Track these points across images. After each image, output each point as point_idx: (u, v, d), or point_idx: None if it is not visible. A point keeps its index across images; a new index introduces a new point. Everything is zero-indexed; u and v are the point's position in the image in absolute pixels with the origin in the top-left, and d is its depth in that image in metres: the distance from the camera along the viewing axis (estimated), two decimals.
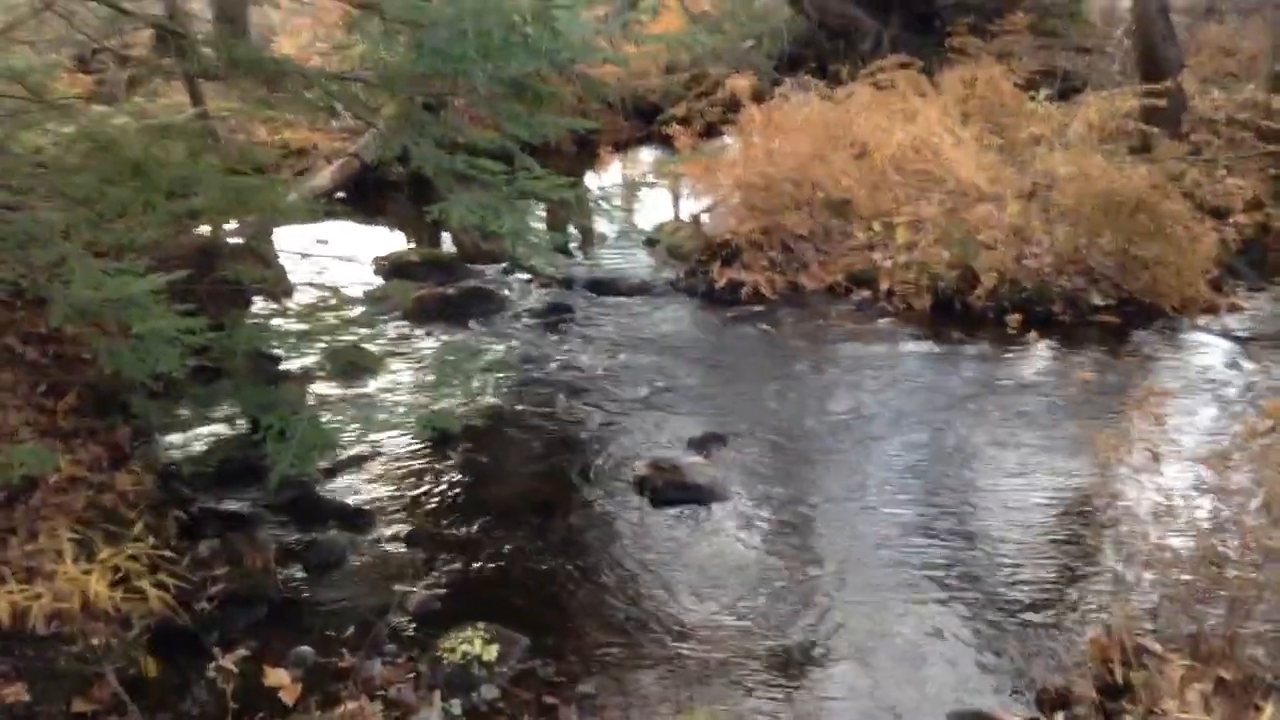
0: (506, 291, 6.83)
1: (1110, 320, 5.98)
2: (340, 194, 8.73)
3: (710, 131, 8.54)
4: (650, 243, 7.56)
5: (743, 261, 6.61)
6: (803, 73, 9.07)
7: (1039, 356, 5.67)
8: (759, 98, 7.92)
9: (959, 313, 6.10)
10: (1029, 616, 3.57)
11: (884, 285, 6.33)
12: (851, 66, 9.54)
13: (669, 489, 4.37)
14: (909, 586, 3.75)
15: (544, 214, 6.75)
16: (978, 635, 3.48)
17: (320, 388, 5.05)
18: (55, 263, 3.34)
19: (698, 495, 4.35)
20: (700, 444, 4.75)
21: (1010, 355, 5.68)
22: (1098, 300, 6.05)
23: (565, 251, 7.32)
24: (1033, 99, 7.97)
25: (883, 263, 6.45)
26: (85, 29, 6.27)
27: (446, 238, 8.02)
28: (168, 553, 3.62)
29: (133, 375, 3.33)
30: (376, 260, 7.31)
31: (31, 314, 4.31)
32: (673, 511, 4.29)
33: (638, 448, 4.79)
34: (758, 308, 6.36)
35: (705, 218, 7.19)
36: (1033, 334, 5.80)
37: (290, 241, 6.71)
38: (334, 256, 6.90)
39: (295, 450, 3.50)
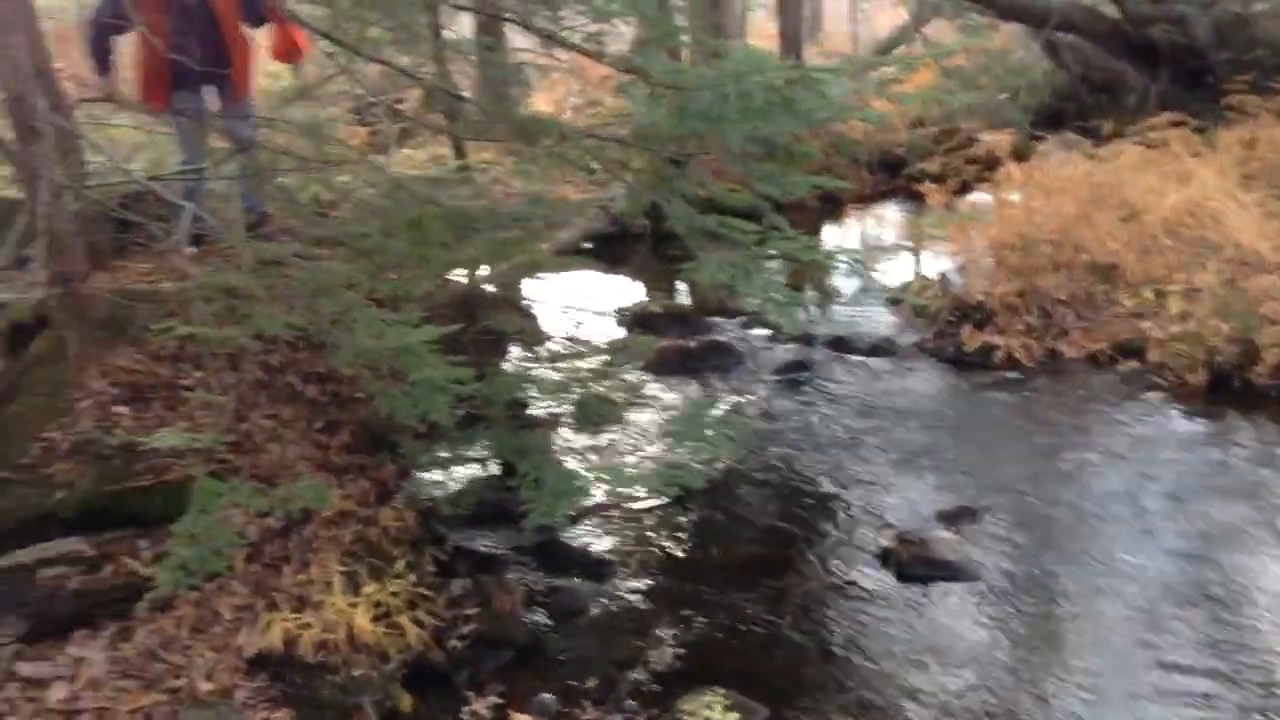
0: (746, 346, 6.82)
1: None
2: (586, 245, 9.04)
3: (963, 188, 8.31)
4: (894, 301, 7.38)
5: (996, 325, 6.34)
6: (1065, 129, 8.70)
7: None
8: (1019, 155, 7.63)
9: (1238, 390, 5.61)
10: None
11: (1153, 357, 5.91)
12: (1115, 123, 9.08)
13: (916, 563, 4.21)
14: (1167, 695, 3.43)
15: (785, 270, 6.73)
16: None
17: (565, 435, 5.19)
18: (341, 312, 3.57)
19: (947, 572, 4.16)
20: (950, 517, 4.55)
21: None
22: None
23: (807, 308, 7.27)
24: None
25: (1153, 332, 6.03)
26: (364, 85, 6.79)
27: (685, 289, 8.11)
28: (424, 590, 3.77)
29: (404, 419, 3.50)
30: (619, 311, 7.48)
31: (311, 354, 4.63)
32: (920, 588, 4.12)
33: (882, 517, 4.64)
34: (1012, 374, 6.06)
35: (954, 277, 6.95)
36: None
37: (538, 290, 6.97)
38: (579, 306, 7.12)
39: (549, 499, 3.59)
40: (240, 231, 3.97)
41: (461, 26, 10.55)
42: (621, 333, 7.06)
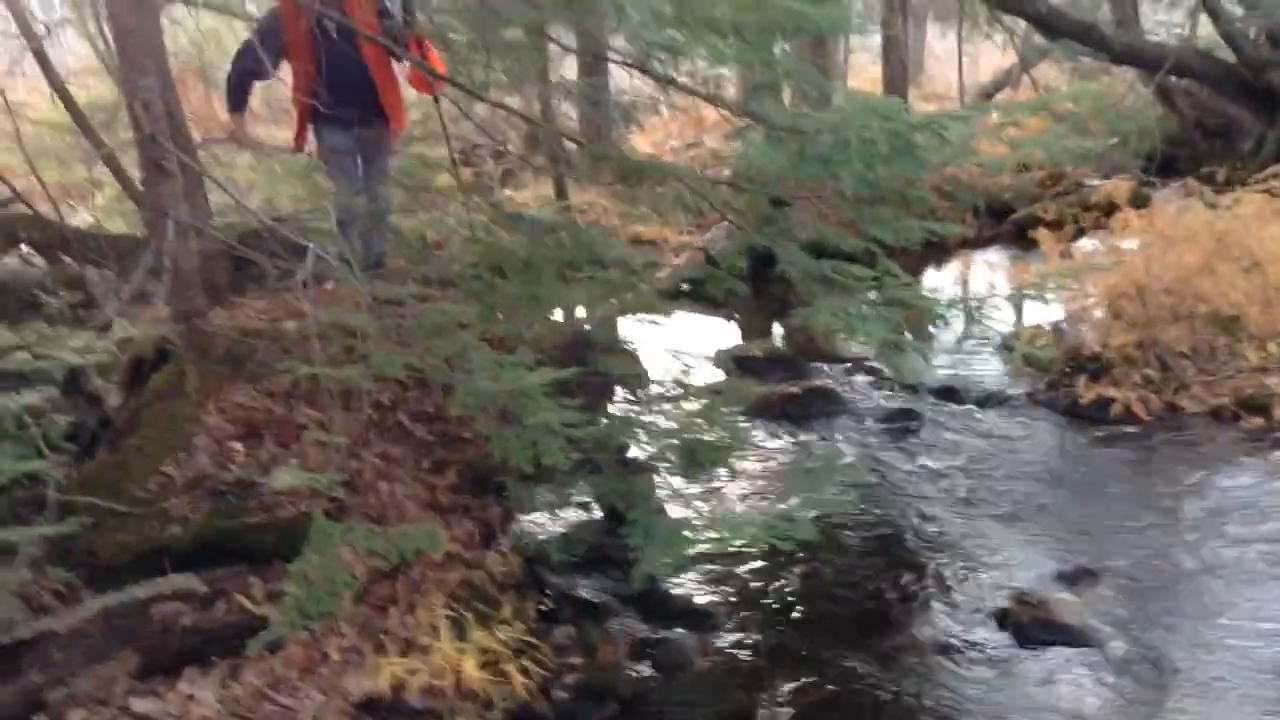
0: (849, 392, 6.68)
1: None
2: (685, 286, 9.00)
3: (1076, 235, 8.08)
4: (1003, 349, 7.18)
5: (1112, 376, 6.11)
6: (1177, 176, 8.43)
7: None
8: (1136, 201, 7.40)
9: None
10: None
11: None
12: (1230, 169, 8.76)
13: (1035, 627, 4.02)
14: None
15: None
16: None
17: (668, 479, 5.11)
18: (456, 353, 3.56)
19: (1068, 637, 3.97)
20: (1070, 579, 4.36)
21: None
22: None
23: (925, 357, 7.09)
24: None
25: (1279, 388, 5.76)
26: (482, 128, 6.89)
27: (784, 333, 8.00)
28: (530, 638, 3.72)
29: (516, 462, 3.46)
30: (719, 354, 7.39)
31: (420, 393, 4.65)
32: (1039, 652, 3.94)
33: (996, 576, 4.46)
34: (1129, 429, 5.82)
35: (1067, 326, 6.74)
36: None
37: (638, 331, 6.92)
38: (679, 349, 7.07)
39: (658, 549, 3.52)
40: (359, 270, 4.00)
41: (567, 69, 10.70)
42: (721, 376, 6.97)
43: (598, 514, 4.83)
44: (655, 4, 3.29)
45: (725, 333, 8.29)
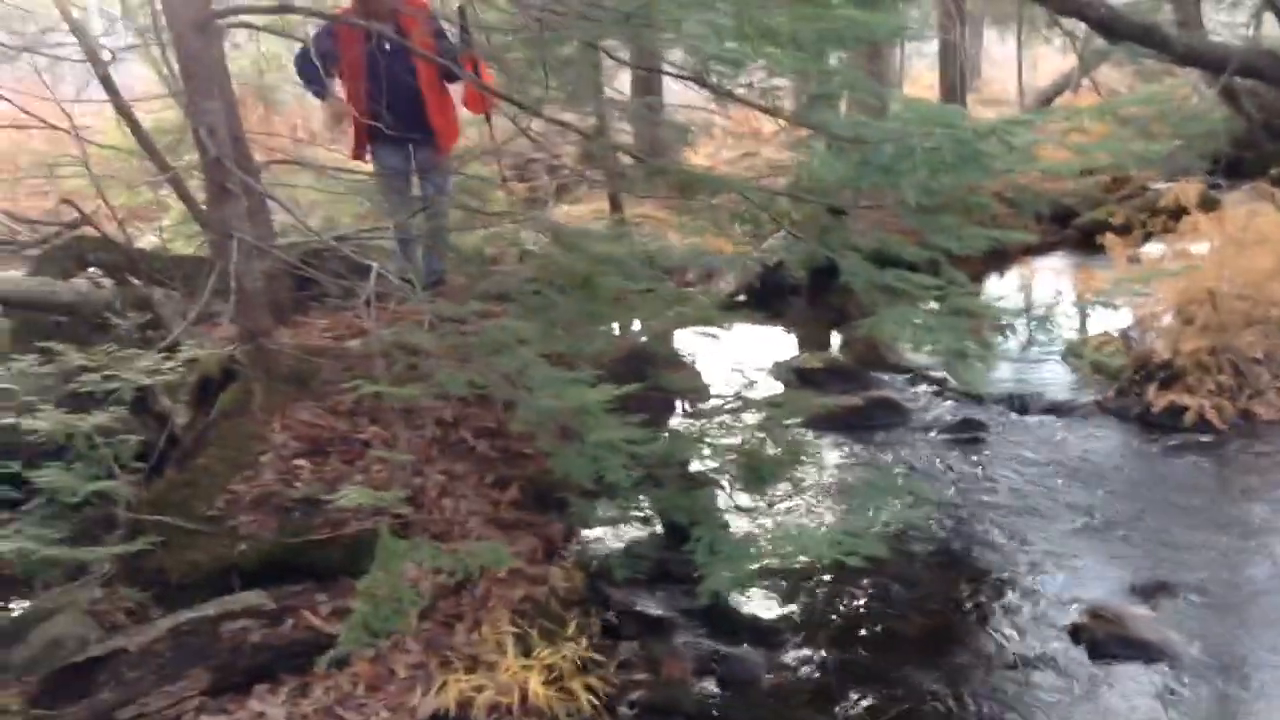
0: (912, 402, 6.59)
1: None
2: (741, 296, 8.97)
3: (1142, 239, 7.92)
4: (1069, 357, 7.04)
5: (1185, 383, 5.96)
6: (1245, 179, 8.22)
7: None
8: (1206, 205, 7.23)
9: None
10: None
11: None
12: None
13: (1111, 642, 3.91)
14: None
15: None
16: None
17: (730, 493, 5.06)
18: (518, 370, 3.56)
19: (1145, 653, 3.85)
20: (1145, 592, 4.25)
21: None
22: None
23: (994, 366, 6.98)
24: None
25: None
26: (539, 144, 6.92)
27: (843, 342, 7.92)
28: (594, 654, 3.69)
29: (578, 479, 3.45)
30: (778, 365, 7.33)
31: (482, 409, 4.66)
32: (1112, 667, 3.83)
33: (1067, 590, 4.36)
34: (1203, 437, 5.68)
35: (1135, 333, 6.59)
36: None
37: (696, 343, 6.88)
38: (737, 360, 7.02)
39: (724, 565, 3.48)
40: (421, 288, 4.03)
41: (621, 82, 10.70)
42: (781, 388, 6.91)
43: (658, 528, 4.80)
44: (714, 17, 3.27)
45: (783, 343, 8.22)
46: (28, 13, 8.04)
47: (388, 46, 5.09)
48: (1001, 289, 9.04)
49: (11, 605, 4.03)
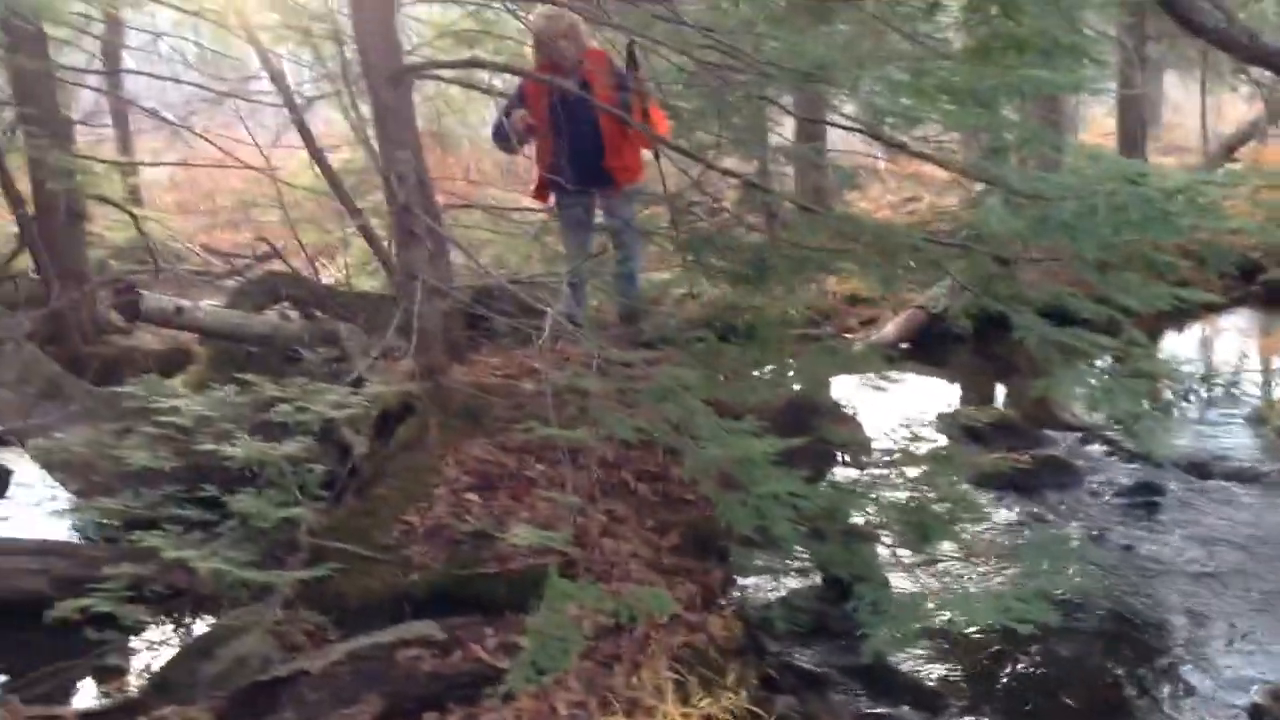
0: (1083, 463, 6.35)
1: None
2: (903, 345, 8.83)
3: None
4: (1253, 422, 6.68)
5: None
6: None
7: None
8: None
9: None
10: None
11: None
12: None
13: None
14: None
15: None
16: None
17: (891, 549, 4.98)
18: (684, 417, 3.61)
19: None
20: None
21: None
22: None
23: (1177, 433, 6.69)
24: None
25: None
26: (704, 191, 7.00)
27: (1009, 396, 7.71)
28: (753, 706, 3.68)
29: (741, 529, 3.47)
30: (942, 417, 7.17)
31: (644, 452, 4.72)
32: None
33: (1246, 668, 4.11)
34: None
35: None
36: None
37: (855, 392, 6.80)
38: (898, 411, 6.90)
39: (889, 625, 3.43)
40: (591, 333, 4.14)
41: (784, 128, 10.75)
42: (945, 441, 6.76)
43: (816, 580, 4.75)
44: (891, 73, 3.28)
45: (947, 394, 8.05)
46: (236, 60, 8.65)
47: (569, 99, 5.28)
48: (1179, 348, 8.64)
49: (191, 619, 4.30)
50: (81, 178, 8.14)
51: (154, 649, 4.25)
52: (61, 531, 5.13)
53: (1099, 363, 4.41)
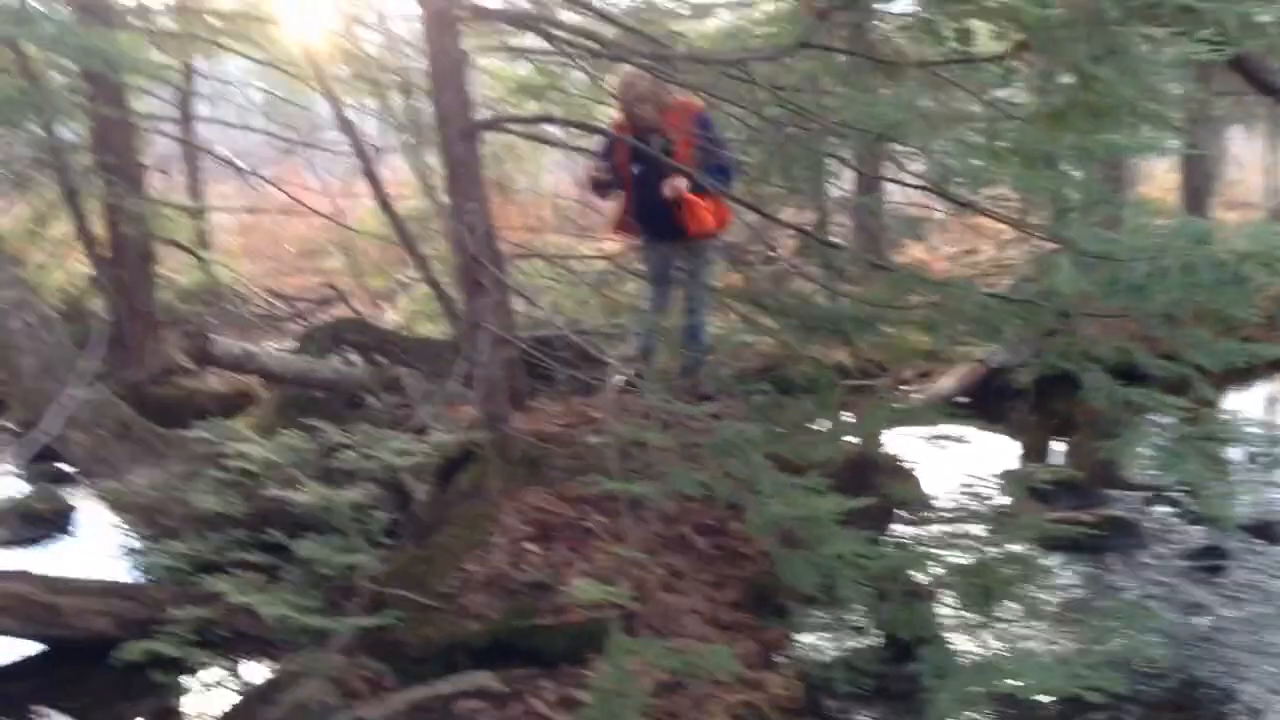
0: (1148, 524, 6.22)
1: None
2: (962, 399, 8.72)
3: None
4: None
5: None
6: None
7: None
8: None
9: None
10: None
11: None
12: None
13: None
14: None
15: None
16: None
17: (951, 609, 4.90)
18: (748, 473, 3.60)
19: None
20: None
21: None
22: None
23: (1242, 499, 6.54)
24: None
25: None
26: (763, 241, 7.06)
27: (1070, 453, 7.57)
28: None
29: (803, 588, 3.44)
30: (1002, 475, 7.05)
31: (703, 506, 4.71)
32: None
33: None
34: None
35: None
36: None
37: (912, 447, 6.72)
38: (956, 468, 6.81)
39: (954, 692, 3.37)
40: (654, 385, 4.15)
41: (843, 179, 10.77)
42: (1006, 500, 6.66)
43: (875, 639, 4.69)
44: (965, 134, 3.29)
45: (1006, 451, 7.93)
46: (304, 108, 8.87)
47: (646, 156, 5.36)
48: (1243, 404, 8.45)
49: (243, 661, 4.33)
50: (152, 221, 8.36)
51: (210, 691, 4.29)
52: (122, 573, 5.21)
53: (1167, 420, 4.34)
